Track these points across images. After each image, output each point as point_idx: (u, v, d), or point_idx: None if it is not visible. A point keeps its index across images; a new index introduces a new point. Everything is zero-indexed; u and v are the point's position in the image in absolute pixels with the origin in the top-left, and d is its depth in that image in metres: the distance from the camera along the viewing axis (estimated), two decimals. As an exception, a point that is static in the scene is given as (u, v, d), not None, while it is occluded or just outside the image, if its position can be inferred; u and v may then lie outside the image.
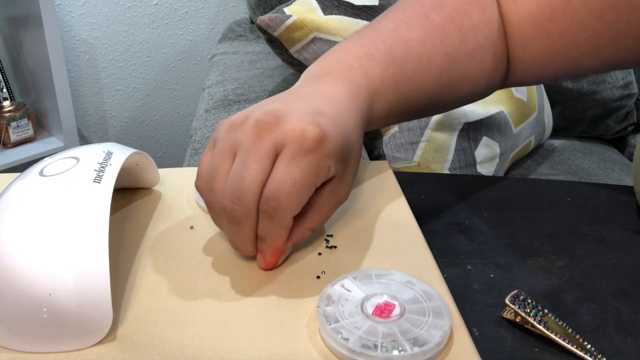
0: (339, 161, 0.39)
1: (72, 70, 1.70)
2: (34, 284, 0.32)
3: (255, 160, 0.36)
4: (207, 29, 1.82)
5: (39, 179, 0.38)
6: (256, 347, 0.33)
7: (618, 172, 1.22)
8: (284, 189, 0.36)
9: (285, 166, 0.36)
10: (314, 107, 0.40)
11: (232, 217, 0.37)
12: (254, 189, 0.36)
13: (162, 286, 0.38)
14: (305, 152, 0.36)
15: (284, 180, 0.36)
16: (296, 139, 0.36)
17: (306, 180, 0.37)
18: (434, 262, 0.40)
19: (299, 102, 0.40)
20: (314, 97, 0.42)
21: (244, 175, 0.36)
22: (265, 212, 0.37)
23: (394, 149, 1.06)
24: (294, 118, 0.37)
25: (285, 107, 0.39)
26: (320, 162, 0.37)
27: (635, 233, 0.50)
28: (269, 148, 0.37)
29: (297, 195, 0.37)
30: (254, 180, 0.36)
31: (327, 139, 0.37)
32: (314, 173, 0.37)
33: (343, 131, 0.39)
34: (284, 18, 1.08)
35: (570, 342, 0.37)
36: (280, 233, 0.38)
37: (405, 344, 0.32)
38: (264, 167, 0.36)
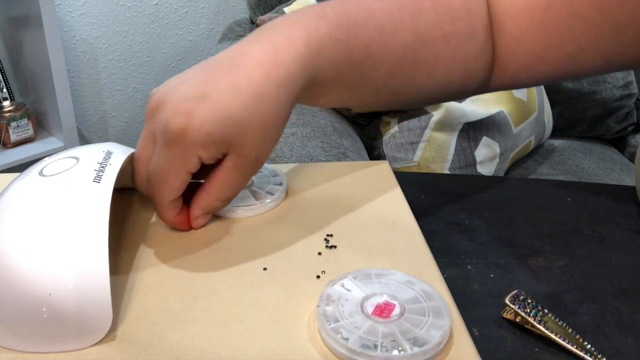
0: (212, 145, 0.39)
1: (72, 70, 1.70)
2: (34, 284, 0.32)
3: (140, 142, 0.42)
4: (207, 29, 1.82)
5: (38, 178, 0.38)
6: (256, 347, 0.33)
7: (618, 172, 1.22)
8: (155, 177, 0.40)
9: (156, 155, 0.40)
10: (200, 88, 0.40)
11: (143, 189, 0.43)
12: (138, 168, 0.42)
13: (162, 286, 0.38)
14: (168, 143, 0.39)
15: (154, 168, 0.40)
16: (162, 130, 0.39)
17: (171, 168, 0.40)
18: (434, 262, 0.40)
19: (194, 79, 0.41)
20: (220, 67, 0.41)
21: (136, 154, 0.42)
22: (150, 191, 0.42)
23: (394, 149, 1.06)
24: (169, 105, 0.39)
25: (174, 89, 0.41)
26: (184, 152, 0.39)
27: (635, 233, 0.50)
28: (147, 134, 0.41)
29: (166, 183, 0.40)
30: (138, 160, 0.42)
31: (189, 130, 0.38)
32: (179, 162, 0.39)
33: (224, 112, 0.39)
34: (284, 18, 1.08)
35: (570, 342, 0.37)
36: (166, 213, 0.42)
37: (405, 344, 0.31)
38: (145, 152, 0.41)
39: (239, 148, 0.40)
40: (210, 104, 0.39)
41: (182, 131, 0.38)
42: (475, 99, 1.08)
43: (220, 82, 0.40)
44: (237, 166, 0.41)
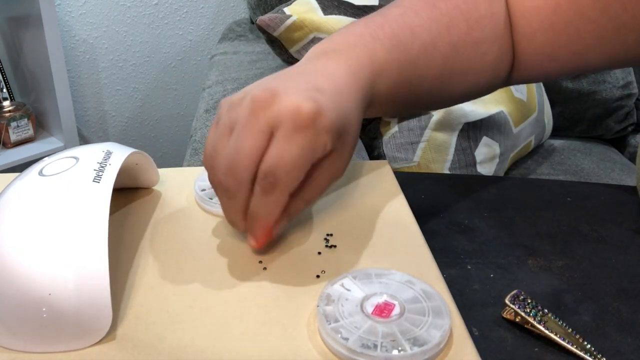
0: (336, 136, 0.39)
1: (72, 70, 1.70)
2: (34, 284, 0.32)
3: (249, 135, 0.37)
4: (207, 29, 1.82)
5: (38, 178, 0.38)
6: (256, 347, 0.33)
7: (618, 172, 1.22)
8: (282, 166, 0.37)
9: (283, 143, 0.37)
10: (311, 84, 0.40)
11: (225, 190, 0.38)
12: (246, 162, 0.37)
13: (162, 286, 0.38)
14: (301, 127, 0.37)
15: (281, 156, 0.36)
16: (291, 115, 0.37)
17: (303, 155, 0.37)
18: (434, 262, 0.40)
19: (297, 79, 0.41)
20: (313, 74, 0.42)
21: (237, 149, 0.37)
22: (263, 188, 0.37)
23: (394, 149, 1.06)
24: (289, 94, 0.38)
25: (282, 84, 0.39)
26: (317, 138, 0.37)
27: (635, 233, 0.50)
28: (263, 124, 0.37)
29: (295, 171, 0.37)
30: (247, 154, 0.37)
31: (322, 114, 0.37)
32: (311, 148, 0.37)
33: (340, 107, 0.39)
34: (284, 18, 1.08)
35: (570, 342, 0.37)
36: (275, 209, 0.38)
37: (405, 344, 0.31)
38: (258, 143, 0.37)
39: (345, 144, 0.40)
40: (328, 98, 0.39)
41: (316, 114, 0.37)
42: (475, 99, 1.08)
43: (324, 82, 0.41)
44: (335, 166, 0.41)
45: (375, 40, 0.47)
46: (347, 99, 0.41)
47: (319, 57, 0.45)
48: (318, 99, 0.38)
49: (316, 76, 0.42)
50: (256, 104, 0.38)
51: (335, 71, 0.43)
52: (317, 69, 0.43)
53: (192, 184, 0.48)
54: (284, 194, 0.38)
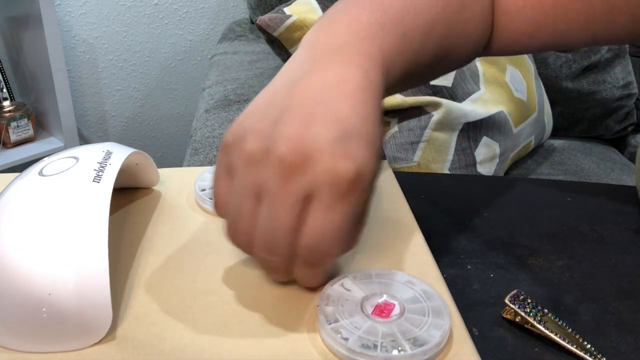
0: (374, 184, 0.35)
1: (72, 70, 1.70)
2: (34, 284, 0.32)
3: (285, 209, 0.33)
4: (207, 29, 1.82)
5: (38, 178, 0.38)
6: (256, 347, 0.33)
7: (618, 172, 1.22)
8: (328, 238, 0.33)
9: (324, 214, 0.33)
10: (338, 125, 0.34)
11: (267, 267, 0.36)
12: (288, 239, 0.34)
13: (162, 286, 0.38)
14: (344, 195, 0.33)
15: (325, 228, 0.33)
16: (331, 183, 0.32)
17: (349, 222, 0.34)
18: (434, 262, 0.40)
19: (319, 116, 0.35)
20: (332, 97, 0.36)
21: (276, 227, 0.33)
22: (307, 262, 0.35)
23: (394, 149, 1.06)
24: (324, 154, 0.33)
25: (309, 131, 0.34)
26: (359, 200, 0.34)
27: (635, 233, 0.50)
28: (299, 194, 0.33)
29: (343, 240, 0.34)
30: (287, 231, 0.33)
31: (363, 174, 0.33)
32: (355, 212, 0.34)
33: (372, 144, 0.35)
34: (284, 18, 1.08)
35: (570, 342, 0.37)
36: (319, 279, 0.36)
37: (405, 344, 0.31)
38: (296, 216, 0.33)
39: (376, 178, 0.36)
40: (362, 139, 0.34)
41: (357, 177, 0.33)
42: (475, 99, 1.08)
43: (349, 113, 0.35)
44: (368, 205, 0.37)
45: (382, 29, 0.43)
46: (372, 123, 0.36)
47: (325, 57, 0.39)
48: (354, 154, 0.33)
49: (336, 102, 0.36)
50: (287, 169, 0.33)
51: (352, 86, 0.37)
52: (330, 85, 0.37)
53: (192, 184, 0.48)
54: (330, 263, 0.36)
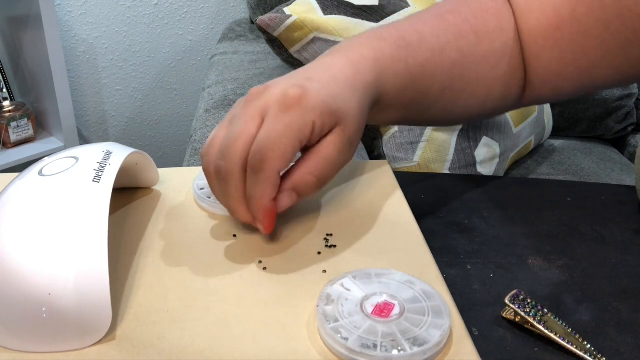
0: (327, 115, 0.40)
1: (72, 70, 1.70)
2: (34, 284, 0.32)
3: (241, 122, 0.40)
4: (207, 29, 1.82)
5: (38, 178, 0.38)
6: (256, 347, 0.33)
7: (618, 172, 1.22)
8: (268, 143, 0.38)
9: (269, 123, 0.39)
10: (303, 76, 0.42)
11: (219, 174, 0.40)
12: (238, 146, 0.39)
13: (161, 286, 0.38)
14: (287, 108, 0.39)
15: (267, 135, 0.38)
16: (278, 99, 0.39)
17: (289, 133, 0.39)
18: (434, 262, 0.40)
19: (294, 74, 0.43)
20: (311, 68, 0.44)
21: (229, 136, 0.40)
22: (252, 167, 0.39)
23: (394, 149, 1.06)
24: (279, 85, 0.41)
25: (277, 80, 0.42)
26: (303, 116, 0.39)
27: (635, 233, 0.50)
28: (254, 111, 0.40)
29: (282, 146, 0.38)
30: (238, 137, 0.39)
31: (308, 96, 0.39)
32: (297, 127, 0.39)
33: (332, 92, 0.41)
34: (284, 18, 1.08)
35: (570, 342, 0.37)
36: (267, 189, 0.39)
37: (405, 344, 0.31)
38: (249, 128, 0.39)
39: (344, 123, 0.41)
40: (318, 83, 0.41)
41: (302, 96, 0.39)
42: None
43: (320, 74, 0.43)
44: (338, 142, 0.41)
45: (380, 39, 0.48)
46: (343, 87, 0.43)
47: (324, 55, 0.47)
48: (305, 84, 0.40)
49: (313, 70, 0.44)
50: (250, 97, 0.41)
51: (335, 65, 0.44)
52: (316, 64, 0.45)
53: (192, 184, 0.48)
54: (273, 171, 0.39)
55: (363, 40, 0.48)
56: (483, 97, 0.55)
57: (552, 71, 0.54)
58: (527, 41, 0.54)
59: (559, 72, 0.54)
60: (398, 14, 1.12)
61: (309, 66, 0.45)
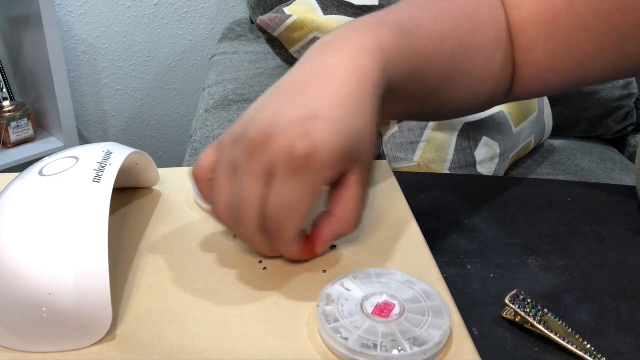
0: (340, 163, 0.37)
1: (72, 70, 1.70)
2: (34, 284, 0.32)
3: (248, 183, 0.36)
4: (207, 29, 1.82)
5: (38, 178, 0.38)
6: (256, 347, 0.33)
7: (618, 172, 1.22)
8: (282, 211, 0.36)
9: (279, 189, 0.36)
10: (307, 108, 0.37)
11: (239, 237, 0.39)
12: (251, 213, 0.36)
13: (162, 286, 0.38)
14: (295, 171, 0.35)
15: (279, 202, 0.36)
16: (285, 158, 0.35)
17: (301, 198, 0.36)
18: (434, 262, 0.40)
19: (293, 102, 0.38)
20: (311, 85, 0.39)
21: (240, 200, 0.36)
22: (270, 233, 0.37)
23: (394, 149, 1.06)
24: (282, 133, 0.36)
25: (277, 116, 0.37)
26: (314, 177, 0.36)
27: (635, 233, 0.50)
28: (260, 170, 0.36)
29: (296, 213, 0.36)
30: (250, 204, 0.36)
31: (318, 152, 0.35)
32: (309, 189, 0.36)
33: (343, 129, 0.37)
34: (284, 18, 1.08)
35: (570, 342, 0.37)
36: (289, 248, 0.38)
37: (405, 344, 0.31)
38: (258, 189, 0.36)
39: (363, 158, 0.38)
40: (325, 120, 0.36)
41: (310, 154, 0.35)
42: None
43: (321, 97, 0.38)
44: (363, 179, 0.39)
45: (381, 26, 0.44)
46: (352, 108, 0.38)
47: (320, 50, 0.42)
48: (312, 133, 0.35)
49: (313, 89, 0.39)
50: (253, 149, 0.36)
51: (336, 72, 0.39)
52: (314, 74, 0.40)
53: (192, 184, 0.48)
54: (290, 235, 0.37)
55: (361, 27, 0.43)
56: (476, 90, 0.53)
57: (544, 65, 0.53)
58: (518, 34, 0.52)
59: (551, 67, 0.53)
60: (398, 14, 1.12)
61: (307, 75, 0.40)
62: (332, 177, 0.37)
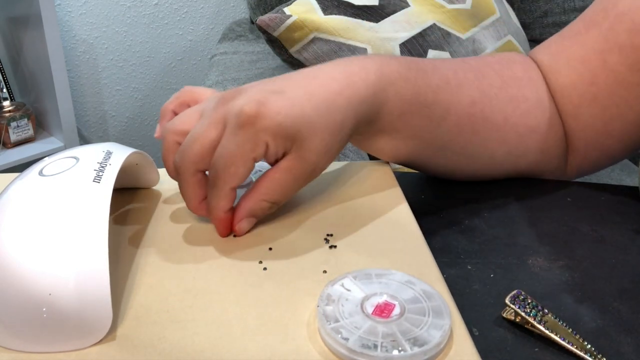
0: (280, 138, 0.39)
1: (72, 70, 1.70)
2: (34, 284, 0.32)
3: (204, 125, 0.40)
4: (207, 29, 1.82)
5: (38, 178, 0.38)
6: (256, 347, 0.33)
7: (618, 172, 1.22)
8: (221, 160, 0.39)
9: (225, 139, 0.39)
10: (278, 86, 0.41)
11: (176, 171, 0.41)
12: (195, 148, 0.40)
13: (162, 286, 0.38)
14: (241, 126, 0.39)
15: (221, 152, 0.39)
16: (235, 113, 0.39)
17: (240, 153, 0.39)
18: (434, 262, 0.40)
19: (274, 81, 0.42)
20: (297, 77, 0.43)
21: (192, 136, 0.40)
22: (209, 181, 0.41)
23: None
24: (246, 94, 0.40)
25: (254, 85, 0.42)
26: (254, 137, 0.39)
27: (635, 233, 0.50)
28: (217, 117, 0.40)
29: (233, 166, 0.39)
30: (195, 141, 0.40)
31: (262, 115, 0.39)
32: (248, 147, 0.39)
33: (294, 112, 0.40)
34: (284, 18, 1.08)
35: (570, 342, 0.37)
36: (221, 202, 0.40)
37: (405, 344, 0.31)
38: (208, 134, 0.40)
39: (303, 148, 0.40)
40: (285, 98, 0.40)
41: (256, 115, 0.39)
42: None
43: (297, 85, 0.42)
44: (293, 168, 0.41)
45: (392, 58, 0.46)
46: (315, 105, 0.41)
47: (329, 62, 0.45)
48: (267, 101, 0.39)
49: (295, 80, 0.42)
50: (220, 100, 0.41)
51: (324, 75, 0.42)
52: (305, 72, 0.44)
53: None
54: (225, 187, 0.40)
55: (374, 55, 0.46)
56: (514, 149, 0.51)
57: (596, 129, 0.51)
58: (560, 101, 0.51)
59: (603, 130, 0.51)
60: (398, 14, 1.12)
61: (296, 73, 0.44)
62: (272, 148, 0.40)
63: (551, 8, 1.50)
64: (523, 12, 1.51)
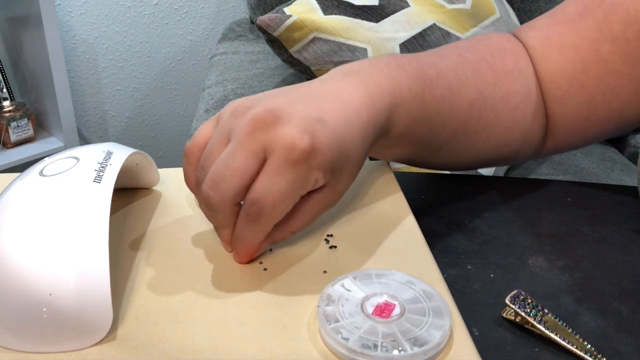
0: (329, 172, 0.38)
1: (72, 70, 1.70)
2: (34, 284, 0.32)
3: (241, 154, 0.36)
4: (207, 29, 1.82)
5: (39, 179, 0.38)
6: (256, 347, 0.33)
7: (618, 172, 1.21)
8: (269, 199, 0.36)
9: (273, 174, 0.36)
10: (317, 112, 0.38)
11: (207, 203, 0.37)
12: (232, 181, 0.36)
13: (162, 286, 0.38)
14: (293, 163, 0.36)
15: (269, 189, 0.36)
16: (285, 147, 0.36)
17: (291, 191, 0.36)
18: (434, 262, 0.40)
19: (306, 102, 0.39)
20: (327, 97, 0.40)
21: (227, 166, 0.36)
22: (248, 216, 0.37)
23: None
24: (290, 122, 0.36)
25: (289, 106, 0.38)
26: (308, 174, 0.36)
27: (635, 233, 0.50)
28: (257, 147, 0.36)
29: (282, 205, 0.37)
30: (234, 173, 0.36)
31: (317, 151, 0.36)
32: (300, 184, 0.37)
33: (341, 142, 0.38)
34: (284, 18, 1.08)
35: (570, 342, 0.37)
36: (257, 237, 0.38)
37: (405, 344, 0.32)
38: (248, 164, 0.36)
39: (339, 180, 0.39)
40: (330, 130, 0.38)
41: (311, 152, 0.36)
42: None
43: (334, 110, 0.39)
44: (325, 199, 0.40)
45: (400, 69, 0.45)
46: (353, 131, 0.40)
47: (341, 76, 0.43)
48: (317, 133, 0.36)
49: (328, 100, 0.40)
50: (256, 123, 0.36)
51: (350, 98, 0.41)
52: (332, 91, 0.41)
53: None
54: (268, 224, 0.37)
55: (383, 66, 0.44)
56: (500, 141, 0.52)
57: (581, 115, 0.52)
58: (548, 86, 0.52)
59: (587, 116, 0.52)
60: (398, 14, 1.12)
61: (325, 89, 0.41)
62: (317, 182, 0.38)
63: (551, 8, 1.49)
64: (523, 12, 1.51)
